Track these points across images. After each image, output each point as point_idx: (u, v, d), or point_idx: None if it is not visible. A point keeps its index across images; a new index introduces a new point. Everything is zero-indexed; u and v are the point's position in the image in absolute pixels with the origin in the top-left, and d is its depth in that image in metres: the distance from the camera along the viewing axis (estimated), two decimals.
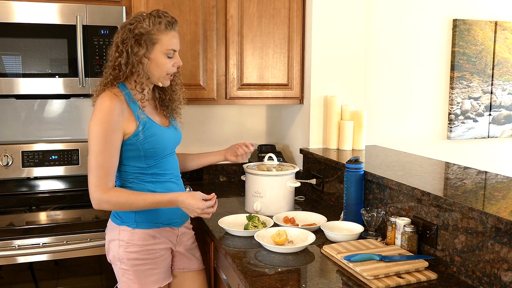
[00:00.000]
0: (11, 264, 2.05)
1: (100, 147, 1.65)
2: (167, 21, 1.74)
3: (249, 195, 2.25)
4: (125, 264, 1.75)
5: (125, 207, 1.70)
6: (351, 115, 2.67)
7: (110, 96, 1.69)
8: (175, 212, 1.82)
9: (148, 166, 1.78)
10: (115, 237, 1.77)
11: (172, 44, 1.76)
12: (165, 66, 1.76)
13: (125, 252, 1.75)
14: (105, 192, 1.66)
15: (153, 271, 1.78)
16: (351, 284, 1.48)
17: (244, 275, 1.54)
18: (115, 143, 1.68)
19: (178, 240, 1.90)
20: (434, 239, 1.65)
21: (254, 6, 2.58)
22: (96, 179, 1.65)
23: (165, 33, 1.74)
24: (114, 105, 1.67)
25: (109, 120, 1.66)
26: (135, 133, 1.72)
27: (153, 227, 1.78)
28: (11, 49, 2.19)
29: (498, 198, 1.58)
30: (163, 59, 1.75)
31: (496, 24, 3.29)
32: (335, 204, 2.35)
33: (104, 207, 1.68)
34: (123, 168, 1.77)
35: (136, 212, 1.75)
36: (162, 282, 1.82)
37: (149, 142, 1.74)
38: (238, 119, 3.03)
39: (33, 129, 2.65)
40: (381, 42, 3.08)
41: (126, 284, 1.77)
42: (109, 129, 1.65)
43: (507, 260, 1.37)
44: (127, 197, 1.68)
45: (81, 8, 2.26)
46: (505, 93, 3.39)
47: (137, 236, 1.75)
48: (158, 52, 1.74)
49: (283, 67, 2.68)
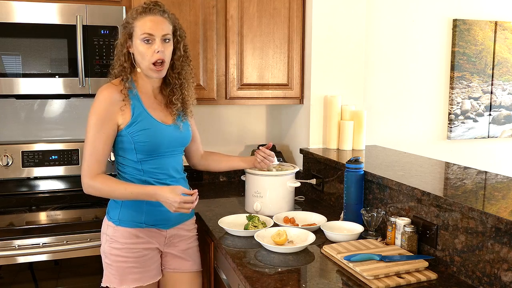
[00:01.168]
0: (11, 264, 2.05)
1: (93, 135, 1.72)
2: (142, 7, 1.73)
3: (249, 195, 2.25)
4: (108, 259, 1.80)
5: (108, 193, 1.75)
6: (351, 115, 2.67)
7: (108, 87, 1.76)
8: (158, 214, 1.81)
9: (139, 160, 1.78)
10: (104, 231, 1.83)
11: (145, 28, 1.71)
12: (144, 53, 1.73)
13: (109, 247, 1.79)
14: (92, 178, 1.72)
15: (134, 269, 1.78)
16: (351, 284, 1.48)
17: (244, 275, 1.54)
18: (107, 132, 1.73)
19: (167, 242, 1.88)
20: (434, 239, 1.65)
21: (254, 6, 2.58)
22: (86, 165, 1.73)
23: (139, 18, 1.73)
24: (109, 95, 1.73)
25: (102, 110, 1.72)
26: (129, 124, 1.74)
27: (135, 227, 1.79)
28: (11, 49, 2.19)
29: (498, 198, 1.58)
30: (141, 46, 1.73)
31: (496, 24, 3.29)
32: (335, 204, 2.35)
33: (91, 192, 1.74)
34: (118, 159, 1.82)
35: (121, 209, 1.78)
36: (145, 281, 1.80)
37: (140, 135, 1.75)
38: (238, 119, 3.03)
39: (33, 129, 2.65)
40: (381, 42, 3.08)
41: (107, 278, 1.81)
42: (102, 118, 1.72)
43: (507, 260, 1.37)
44: (111, 184, 1.73)
45: (81, 8, 2.26)
46: (505, 93, 3.39)
47: (119, 234, 1.78)
48: (136, 40, 1.74)
49: (283, 67, 2.68)
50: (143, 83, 1.82)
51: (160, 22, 1.74)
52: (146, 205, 1.79)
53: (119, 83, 1.76)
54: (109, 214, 1.83)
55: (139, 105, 1.77)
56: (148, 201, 1.78)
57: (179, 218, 1.89)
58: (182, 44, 1.85)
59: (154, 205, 1.79)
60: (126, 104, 1.74)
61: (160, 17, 1.74)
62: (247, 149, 3.05)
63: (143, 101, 1.79)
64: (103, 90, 1.74)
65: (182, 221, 1.92)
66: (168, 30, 1.77)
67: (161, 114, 1.83)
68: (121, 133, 1.75)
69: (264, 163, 2.09)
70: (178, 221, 1.90)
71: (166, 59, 1.77)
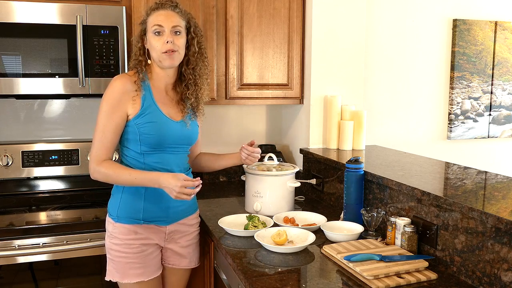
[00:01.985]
0: (11, 264, 2.05)
1: (103, 123, 1.76)
2: (155, 3, 1.82)
3: (249, 195, 2.25)
4: (110, 254, 1.86)
5: (113, 178, 1.78)
6: (351, 115, 2.67)
7: (122, 76, 1.81)
8: (156, 211, 1.84)
9: (142, 152, 1.81)
10: (106, 226, 1.89)
11: (157, 20, 1.78)
12: (155, 44, 1.78)
13: (110, 243, 1.84)
14: (98, 163, 1.76)
15: (134, 265, 1.82)
16: (351, 284, 1.48)
17: (244, 275, 1.54)
18: (116, 120, 1.76)
19: (168, 238, 1.91)
20: (434, 239, 1.65)
21: (254, 6, 2.58)
22: (94, 151, 1.77)
23: (152, 14, 1.81)
24: (122, 84, 1.77)
25: (114, 98, 1.76)
26: (137, 115, 1.78)
27: (133, 223, 1.82)
28: (11, 49, 2.19)
29: (498, 198, 1.58)
30: (152, 38, 1.79)
31: (496, 24, 3.29)
32: (335, 204, 2.35)
33: (96, 177, 1.79)
34: (122, 150, 1.86)
35: (119, 206, 1.82)
36: (147, 276, 1.84)
37: (146, 127, 1.78)
38: (238, 119, 3.03)
39: (33, 129, 2.65)
40: (381, 42, 3.08)
41: (110, 273, 1.86)
42: (112, 106, 1.75)
43: (507, 260, 1.37)
44: (116, 169, 1.77)
45: (81, 8, 2.26)
46: (505, 93, 3.39)
47: (118, 230, 1.82)
48: (149, 33, 1.81)
49: (283, 67, 2.68)
50: (157, 78, 1.86)
51: (170, 15, 1.80)
52: (144, 202, 1.82)
53: (133, 74, 1.81)
54: (109, 210, 1.87)
55: (150, 98, 1.81)
56: (147, 198, 1.81)
57: (179, 214, 1.91)
58: (196, 40, 1.88)
59: (151, 202, 1.82)
60: (138, 95, 1.78)
61: (171, 11, 1.80)
62: None
63: (154, 95, 1.82)
64: (117, 79, 1.79)
65: (182, 217, 1.94)
66: (179, 22, 1.81)
67: (170, 110, 1.86)
68: (128, 123, 1.79)
69: (249, 160, 2.08)
70: (178, 217, 1.92)
71: (178, 49, 1.80)
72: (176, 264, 1.98)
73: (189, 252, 2.00)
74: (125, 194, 1.82)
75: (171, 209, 1.87)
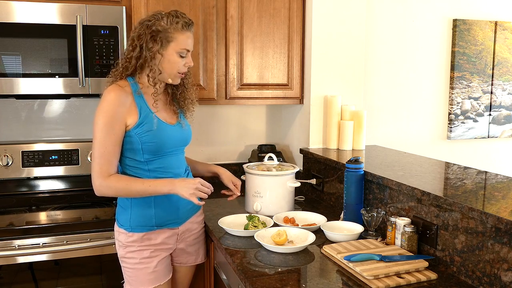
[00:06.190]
0: (11, 264, 2.05)
1: (103, 137, 1.72)
2: (184, 22, 1.80)
3: (249, 195, 2.25)
4: (125, 263, 1.85)
5: (124, 191, 1.75)
6: (351, 115, 2.67)
7: (115, 88, 1.76)
8: (167, 214, 1.85)
9: (145, 160, 1.80)
10: (116, 237, 1.87)
11: (186, 44, 1.81)
12: (177, 65, 1.81)
13: (124, 252, 1.84)
14: (105, 178, 1.72)
15: (150, 270, 1.83)
16: (351, 284, 1.48)
17: (244, 275, 1.54)
18: (117, 133, 1.74)
19: (180, 238, 1.94)
20: (434, 239, 1.65)
21: (254, 6, 2.58)
22: (98, 166, 1.72)
23: (181, 32, 1.79)
24: (117, 96, 1.73)
25: (111, 111, 1.72)
26: (136, 125, 1.76)
27: (147, 231, 1.83)
28: (11, 49, 2.19)
29: (498, 198, 1.58)
30: (176, 58, 1.80)
31: (496, 24, 3.29)
32: (335, 204, 2.35)
33: (105, 192, 1.74)
34: (124, 161, 1.82)
35: (131, 216, 1.81)
36: (162, 279, 1.87)
37: (147, 136, 1.77)
38: (238, 119, 3.03)
39: (33, 129, 2.65)
40: (381, 42, 3.08)
41: (127, 282, 1.87)
42: (111, 119, 1.72)
43: (507, 260, 1.37)
44: (126, 181, 1.75)
45: (81, 8, 2.26)
46: (505, 93, 3.39)
47: (133, 239, 1.82)
48: (172, 50, 1.79)
49: (283, 67, 2.68)
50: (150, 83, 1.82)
51: (193, 39, 1.85)
52: (154, 208, 1.82)
53: (125, 83, 1.79)
54: (119, 221, 1.85)
55: (145, 106, 1.80)
56: (156, 204, 1.82)
57: (188, 213, 1.94)
58: None
59: (161, 207, 1.83)
60: (133, 105, 1.77)
61: (191, 34, 1.84)
62: (247, 149, 3.05)
63: (148, 103, 1.81)
64: (110, 92, 1.74)
65: (191, 215, 1.97)
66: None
67: (165, 115, 1.87)
68: (128, 134, 1.77)
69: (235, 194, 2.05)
70: (187, 216, 1.95)
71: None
72: (183, 262, 2.01)
73: (196, 249, 2.03)
74: (134, 205, 1.82)
75: (180, 209, 1.89)
